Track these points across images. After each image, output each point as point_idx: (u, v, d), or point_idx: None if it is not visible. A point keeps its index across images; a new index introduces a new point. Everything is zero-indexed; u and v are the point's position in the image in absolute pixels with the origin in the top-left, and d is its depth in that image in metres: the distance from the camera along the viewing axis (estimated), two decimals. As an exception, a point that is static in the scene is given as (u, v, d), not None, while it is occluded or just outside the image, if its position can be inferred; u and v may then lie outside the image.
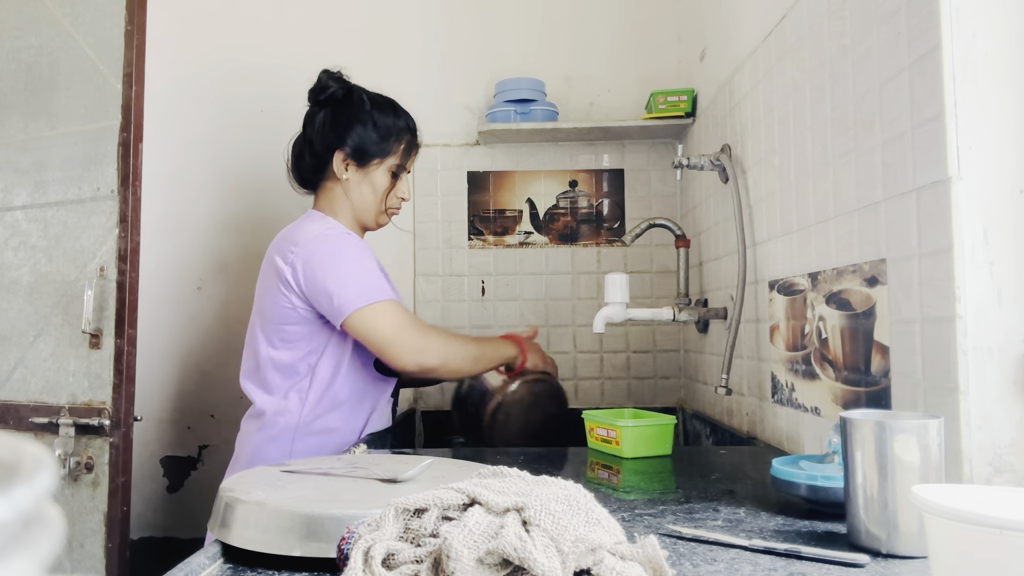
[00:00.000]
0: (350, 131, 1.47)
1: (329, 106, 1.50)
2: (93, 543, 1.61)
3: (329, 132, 1.48)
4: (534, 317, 2.11)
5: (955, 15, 0.77)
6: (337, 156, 1.47)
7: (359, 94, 1.51)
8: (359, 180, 1.48)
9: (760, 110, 1.36)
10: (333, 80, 1.51)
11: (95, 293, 1.64)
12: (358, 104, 1.49)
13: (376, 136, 1.47)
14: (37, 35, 1.81)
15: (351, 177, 1.48)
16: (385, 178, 1.49)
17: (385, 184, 1.49)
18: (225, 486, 0.77)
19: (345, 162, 1.47)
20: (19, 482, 0.22)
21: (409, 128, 1.53)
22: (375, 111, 1.49)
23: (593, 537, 0.51)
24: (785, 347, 1.23)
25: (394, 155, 1.49)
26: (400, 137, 1.50)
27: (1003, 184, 0.76)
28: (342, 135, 1.47)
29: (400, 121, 1.51)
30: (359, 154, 1.47)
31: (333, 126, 1.48)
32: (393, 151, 1.49)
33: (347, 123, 1.47)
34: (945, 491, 0.53)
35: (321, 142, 1.48)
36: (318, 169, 1.51)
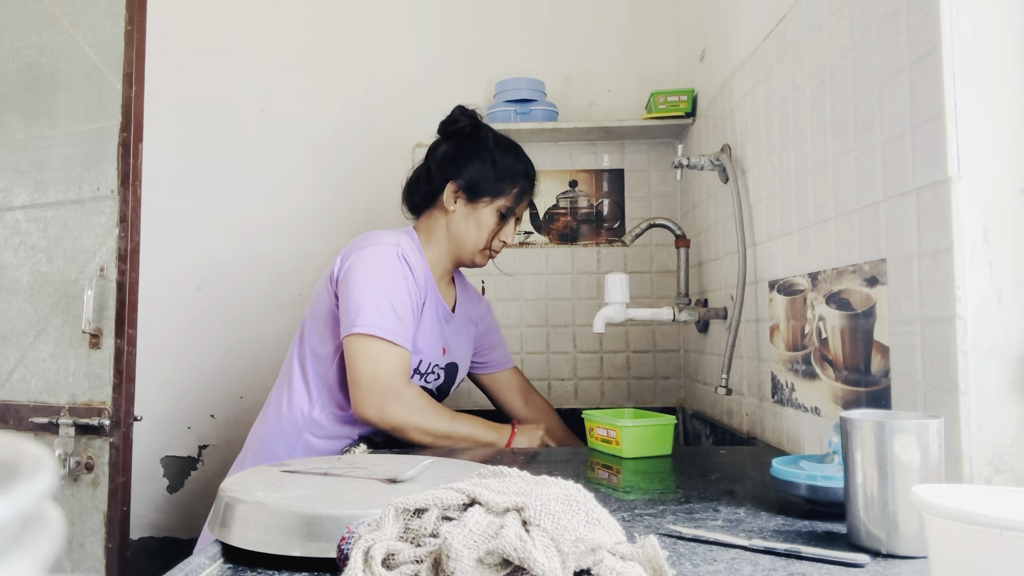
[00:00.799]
0: (468, 165, 1.48)
1: (454, 138, 1.52)
2: (93, 543, 1.61)
3: (448, 163, 1.49)
4: (534, 317, 2.11)
5: (955, 15, 0.77)
6: (450, 187, 1.48)
7: (486, 132, 1.52)
8: (466, 215, 1.48)
9: (760, 110, 1.36)
10: (465, 116, 1.53)
11: (95, 293, 1.64)
12: (482, 141, 1.50)
13: (492, 175, 1.48)
14: (37, 35, 1.81)
15: (458, 210, 1.48)
16: (492, 218, 1.49)
17: (491, 224, 1.49)
18: (225, 486, 0.77)
19: (456, 194, 1.48)
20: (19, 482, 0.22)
21: (527, 175, 1.53)
22: (497, 150, 1.50)
23: (593, 537, 0.51)
24: (785, 347, 1.23)
25: (506, 197, 1.49)
26: (516, 181, 1.50)
27: (1003, 184, 0.76)
28: (460, 167, 1.48)
29: (519, 165, 1.51)
30: (472, 189, 1.47)
31: (454, 158, 1.49)
32: (506, 192, 1.49)
33: (467, 157, 1.49)
34: (945, 491, 0.53)
35: (438, 171, 1.50)
36: (429, 196, 1.52)
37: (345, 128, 2.17)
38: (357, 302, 1.33)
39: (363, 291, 1.34)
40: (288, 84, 2.18)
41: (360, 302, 1.33)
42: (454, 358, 1.54)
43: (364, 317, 1.32)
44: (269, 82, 2.17)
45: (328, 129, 2.18)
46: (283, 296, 2.13)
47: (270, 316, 2.13)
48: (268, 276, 2.15)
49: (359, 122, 2.18)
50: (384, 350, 1.32)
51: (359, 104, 2.18)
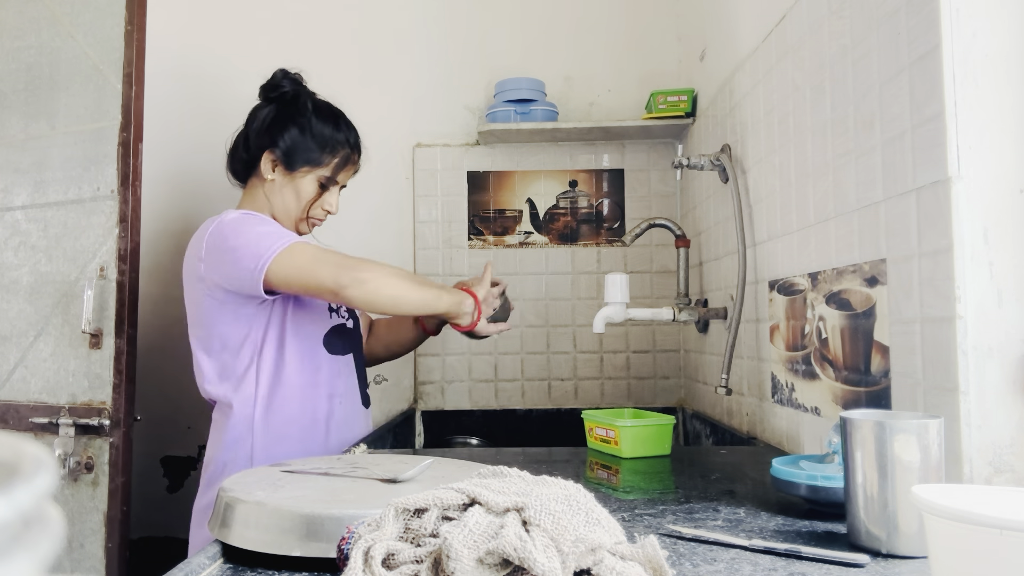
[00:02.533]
0: (284, 133, 1.43)
1: (275, 104, 1.47)
2: (93, 543, 1.61)
3: (265, 131, 1.45)
4: (534, 317, 2.11)
5: (955, 15, 0.77)
6: (266, 156, 1.44)
7: (305, 98, 1.47)
8: (284, 184, 1.44)
9: (760, 110, 1.36)
10: (287, 79, 1.49)
11: (95, 293, 1.64)
12: (300, 108, 1.46)
13: (311, 144, 1.44)
14: (37, 35, 1.81)
15: (276, 179, 1.44)
16: (312, 187, 1.45)
17: (311, 193, 1.45)
18: (225, 486, 0.77)
19: (273, 163, 1.44)
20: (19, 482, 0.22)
21: (348, 143, 1.48)
22: (316, 118, 1.45)
23: (593, 537, 0.51)
24: (785, 347, 1.23)
25: (326, 167, 1.45)
26: (336, 150, 1.46)
27: (1003, 184, 0.76)
28: (276, 136, 1.43)
29: (340, 134, 1.47)
30: (288, 158, 1.43)
31: (270, 125, 1.45)
32: (325, 162, 1.45)
33: (284, 125, 1.44)
34: (945, 491, 0.53)
35: (255, 139, 1.46)
36: (249, 164, 1.48)
37: (345, 128, 2.17)
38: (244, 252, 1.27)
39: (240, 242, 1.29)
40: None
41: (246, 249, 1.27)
42: None
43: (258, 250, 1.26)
44: (269, 82, 2.17)
45: (328, 129, 2.17)
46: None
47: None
48: (268, 276, 2.15)
49: (358, 122, 2.17)
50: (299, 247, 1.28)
51: (359, 104, 2.17)
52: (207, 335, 1.38)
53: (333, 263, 1.27)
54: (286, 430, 1.36)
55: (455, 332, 2.14)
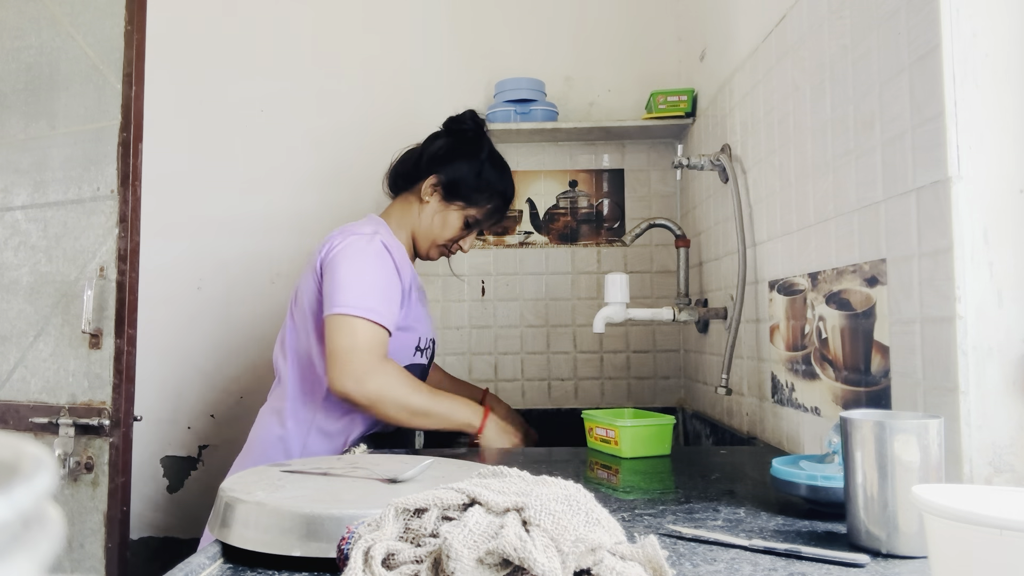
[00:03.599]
0: (456, 165, 1.51)
1: (454, 136, 1.55)
2: (93, 543, 1.61)
3: (439, 157, 1.52)
4: (534, 317, 2.11)
5: (955, 15, 0.77)
6: (431, 179, 1.51)
7: (485, 142, 1.56)
8: (436, 210, 1.52)
9: (760, 110, 1.36)
10: (473, 121, 1.57)
11: (95, 293, 1.64)
12: (477, 148, 1.53)
13: (473, 183, 1.51)
14: (37, 35, 1.81)
15: (431, 203, 1.52)
16: (459, 223, 1.53)
17: (456, 227, 1.53)
18: (225, 486, 0.77)
19: (434, 187, 1.51)
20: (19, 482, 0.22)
21: (505, 195, 1.56)
22: (488, 162, 1.53)
23: (593, 537, 0.51)
24: (785, 347, 1.23)
25: (478, 208, 1.53)
26: (492, 198, 1.54)
27: (1003, 184, 0.76)
28: (447, 164, 1.51)
29: (501, 184, 1.54)
30: (450, 188, 1.51)
31: (447, 154, 1.52)
32: (480, 204, 1.53)
33: (459, 158, 1.52)
34: (945, 491, 0.53)
35: (427, 161, 1.53)
36: (411, 180, 1.56)
37: (345, 128, 2.17)
38: (338, 285, 1.34)
39: (344, 274, 1.35)
40: (288, 84, 2.18)
41: (340, 284, 1.34)
42: (432, 333, 1.59)
43: (342, 297, 1.32)
44: (269, 82, 2.17)
45: (328, 129, 2.18)
46: (283, 296, 2.13)
47: (270, 316, 2.13)
48: (268, 276, 2.15)
49: (359, 122, 2.18)
50: (361, 326, 1.31)
51: (359, 104, 2.18)
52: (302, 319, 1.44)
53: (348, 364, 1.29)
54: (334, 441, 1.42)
55: (455, 329, 2.15)
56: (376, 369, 1.30)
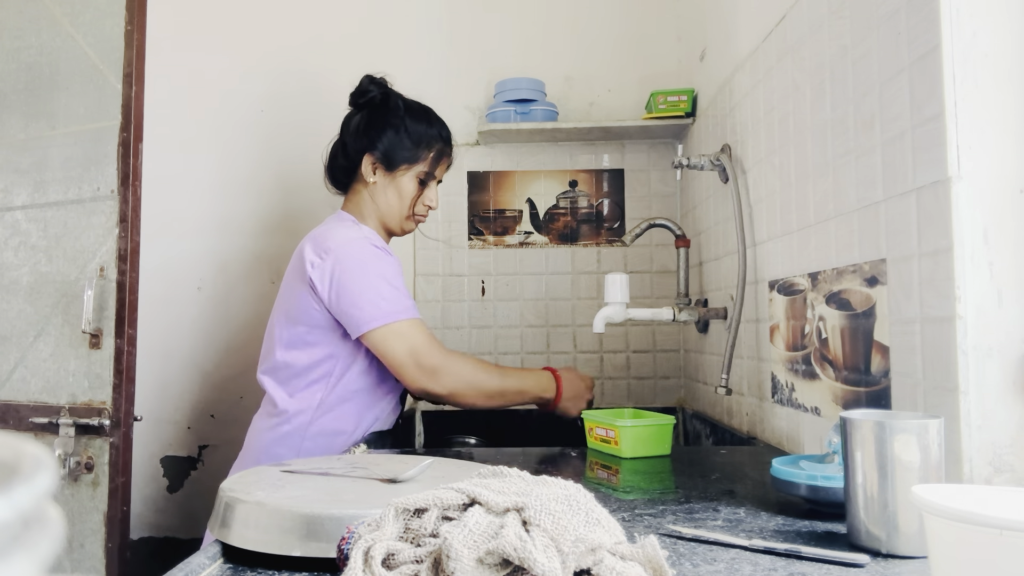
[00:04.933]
0: (381, 136, 1.48)
1: (366, 110, 1.52)
2: (93, 543, 1.61)
3: (362, 135, 1.50)
4: (534, 317, 2.11)
5: (955, 15, 0.77)
6: (366, 160, 1.49)
7: (395, 100, 1.52)
8: (386, 185, 1.50)
9: (760, 110, 1.36)
10: (374, 84, 1.53)
11: (95, 293, 1.64)
12: (392, 110, 1.50)
13: (407, 142, 1.49)
14: (37, 35, 1.81)
15: (378, 181, 1.50)
16: (412, 185, 1.50)
17: (412, 191, 1.51)
18: (225, 486, 0.77)
19: (374, 166, 1.49)
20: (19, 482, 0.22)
21: (441, 137, 1.53)
22: (408, 117, 1.50)
23: (593, 537, 0.51)
24: (785, 347, 1.23)
25: (423, 162, 1.51)
26: (431, 145, 1.51)
27: (1003, 184, 0.76)
28: (373, 139, 1.49)
29: (432, 129, 1.52)
30: (388, 159, 1.48)
31: (366, 130, 1.50)
32: (422, 158, 1.50)
33: (380, 127, 1.49)
34: (945, 491, 0.53)
35: (353, 145, 1.51)
36: (349, 171, 1.53)
37: (345, 128, 2.17)
38: (362, 300, 1.34)
39: (362, 289, 1.35)
40: (288, 84, 2.18)
41: (365, 298, 1.34)
42: None
43: (375, 310, 1.34)
44: (269, 82, 2.17)
45: (328, 129, 2.17)
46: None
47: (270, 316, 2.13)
48: (268, 276, 2.15)
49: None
50: (407, 328, 1.35)
51: (359, 104, 2.17)
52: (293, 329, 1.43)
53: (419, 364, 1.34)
54: (334, 439, 1.42)
55: (455, 329, 2.15)
56: (446, 361, 1.36)
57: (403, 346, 1.34)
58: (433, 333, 1.40)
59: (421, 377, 1.34)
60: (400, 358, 1.34)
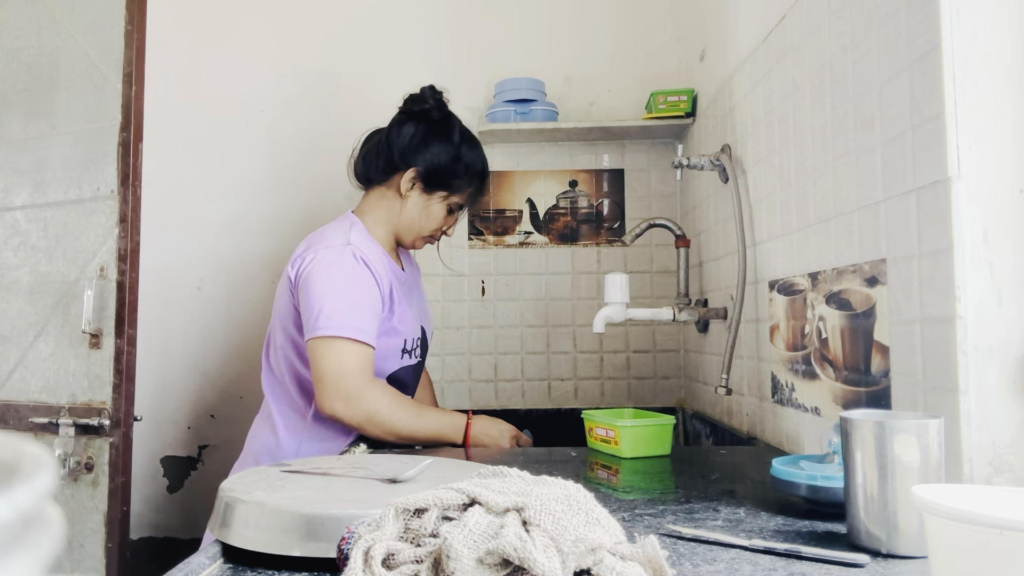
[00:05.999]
0: (436, 157, 1.45)
1: (422, 122, 1.48)
2: (93, 543, 1.61)
3: (414, 149, 1.46)
4: (534, 317, 2.11)
5: (955, 15, 0.77)
6: (409, 172, 1.45)
7: (455, 123, 1.50)
8: (418, 203, 1.47)
9: (760, 110, 1.36)
10: (434, 99, 1.50)
11: (95, 293, 1.64)
12: (449, 132, 1.48)
13: (456, 170, 1.46)
14: (37, 35, 1.81)
15: (412, 197, 1.47)
16: (442, 211, 1.49)
17: (440, 217, 1.49)
18: (225, 486, 0.77)
19: (413, 181, 1.46)
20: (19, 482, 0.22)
21: (482, 175, 1.52)
22: (464, 146, 1.48)
23: (593, 537, 0.51)
24: (785, 347, 1.23)
25: (461, 194, 1.49)
26: (472, 181, 1.50)
27: (1003, 184, 0.76)
28: (426, 157, 1.45)
29: (479, 165, 1.50)
30: (431, 180, 1.46)
31: (421, 144, 1.46)
32: (462, 190, 1.49)
33: (436, 148, 1.46)
34: (945, 491, 0.53)
35: (400, 153, 1.46)
36: (385, 174, 1.49)
37: (345, 128, 2.16)
38: (317, 306, 1.32)
39: (320, 294, 1.32)
40: (288, 84, 2.18)
41: (319, 305, 1.31)
42: (423, 322, 1.56)
43: (324, 319, 1.30)
44: (269, 82, 2.17)
45: (328, 129, 2.17)
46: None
47: (270, 316, 2.13)
48: (268, 276, 2.15)
49: (359, 122, 2.17)
50: (346, 348, 1.30)
51: (359, 104, 2.17)
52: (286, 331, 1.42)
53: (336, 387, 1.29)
54: (332, 444, 1.41)
55: (455, 329, 2.15)
56: (365, 391, 1.30)
57: (331, 364, 1.29)
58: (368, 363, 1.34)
59: (335, 400, 1.29)
60: (323, 374, 1.29)
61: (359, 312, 1.33)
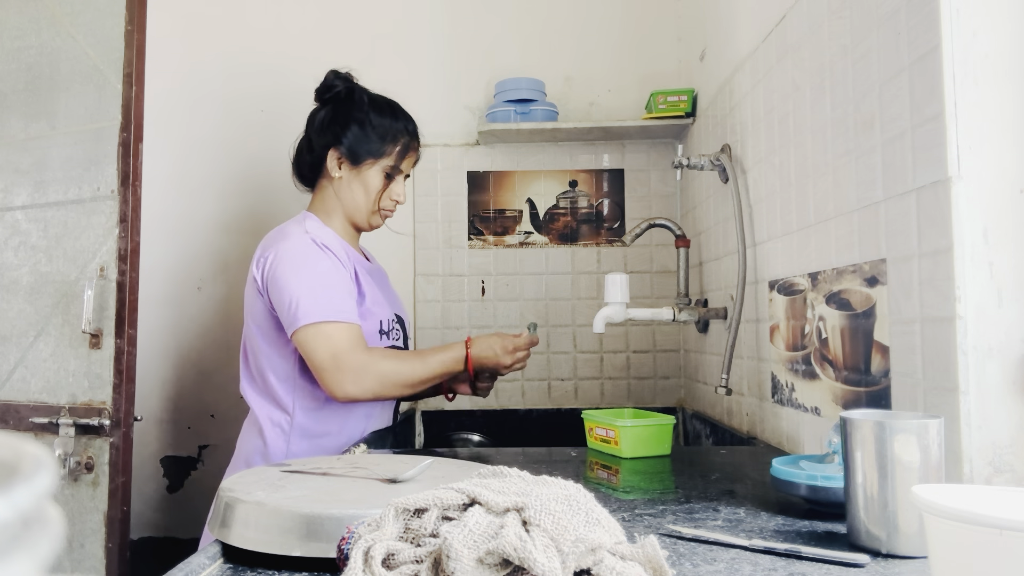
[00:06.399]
0: (346, 130, 1.46)
1: (331, 104, 1.50)
2: (93, 543, 1.61)
3: (326, 130, 1.47)
4: (534, 317, 2.11)
5: (955, 15, 0.77)
6: (331, 154, 1.46)
7: (360, 94, 1.50)
8: (351, 179, 1.47)
9: (760, 110, 1.36)
10: (339, 79, 1.51)
11: (95, 293, 1.64)
12: (357, 104, 1.48)
13: (372, 136, 1.46)
14: (37, 35, 1.81)
15: (344, 176, 1.47)
16: (378, 179, 1.48)
17: (378, 185, 1.48)
18: (225, 486, 0.77)
19: (339, 160, 1.46)
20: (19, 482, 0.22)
21: (407, 131, 1.51)
22: (372, 111, 1.48)
23: (593, 537, 0.51)
24: (785, 347, 1.23)
25: (389, 156, 1.48)
26: (396, 139, 1.48)
27: (1003, 184, 0.76)
28: (338, 133, 1.46)
29: (398, 123, 1.49)
30: (352, 153, 1.46)
31: (331, 124, 1.47)
32: (388, 152, 1.48)
33: (344, 122, 1.47)
34: (945, 491, 0.53)
35: (318, 140, 1.48)
36: (315, 167, 1.51)
37: (345, 128, 2.17)
38: (291, 298, 1.31)
39: (293, 285, 1.32)
40: (288, 84, 2.17)
41: (294, 297, 1.31)
42: (396, 310, 1.56)
43: (303, 309, 1.30)
44: (269, 82, 2.17)
45: (328, 129, 2.17)
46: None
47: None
48: (268, 276, 2.15)
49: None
50: (333, 330, 1.30)
51: (359, 104, 2.17)
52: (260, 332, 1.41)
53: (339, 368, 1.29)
54: (322, 441, 1.40)
55: (455, 329, 2.15)
56: (366, 362, 1.30)
57: (325, 350, 1.29)
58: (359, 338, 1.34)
59: (344, 383, 1.29)
60: (321, 361, 1.29)
61: (335, 294, 1.34)
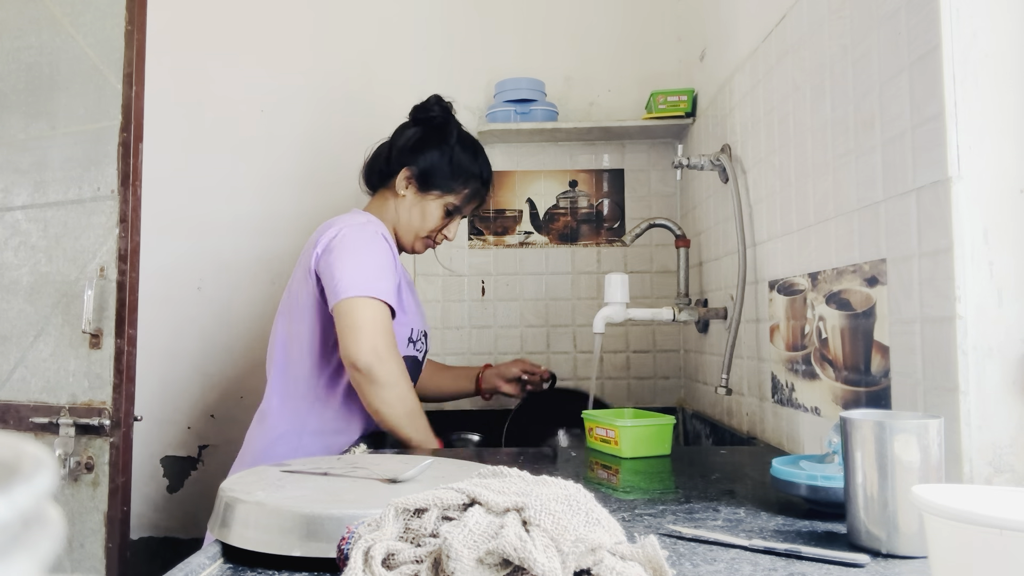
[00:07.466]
0: (426, 155, 1.50)
1: (422, 126, 1.54)
2: (93, 543, 1.61)
3: (409, 149, 1.52)
4: (534, 317, 2.11)
5: (955, 15, 0.77)
6: (404, 172, 1.51)
7: (452, 126, 1.54)
8: (414, 202, 1.52)
9: (760, 110, 1.36)
10: (439, 106, 1.55)
11: (95, 293, 1.64)
12: (446, 135, 1.52)
13: (447, 170, 1.50)
14: (37, 35, 1.80)
15: (408, 196, 1.52)
16: (438, 212, 1.52)
17: (436, 218, 1.52)
18: (225, 486, 0.77)
19: (408, 181, 1.51)
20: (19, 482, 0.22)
21: (481, 177, 1.55)
22: (458, 147, 1.52)
23: (593, 537, 0.51)
24: (785, 347, 1.23)
25: (455, 195, 1.52)
26: (468, 182, 1.53)
27: (1003, 184, 0.76)
28: (417, 155, 1.50)
29: (475, 167, 1.53)
30: (424, 180, 1.50)
31: (415, 145, 1.52)
32: (456, 191, 1.52)
33: (428, 147, 1.51)
34: (945, 491, 0.53)
35: (398, 154, 1.53)
36: (385, 176, 1.55)
37: (345, 128, 2.17)
38: (348, 269, 1.33)
39: (348, 261, 1.35)
40: (288, 84, 2.18)
41: (350, 269, 1.33)
42: (424, 323, 1.60)
43: (346, 283, 1.31)
44: (269, 82, 2.17)
45: (328, 129, 2.18)
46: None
47: (270, 316, 2.13)
48: (268, 276, 2.15)
49: (359, 122, 2.18)
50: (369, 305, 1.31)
51: (359, 104, 2.18)
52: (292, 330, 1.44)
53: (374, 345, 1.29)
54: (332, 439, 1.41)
55: (455, 329, 2.15)
56: (394, 354, 1.32)
57: (370, 321, 1.29)
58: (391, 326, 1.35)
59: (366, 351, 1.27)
60: (361, 326, 1.28)
61: (385, 276, 1.36)
